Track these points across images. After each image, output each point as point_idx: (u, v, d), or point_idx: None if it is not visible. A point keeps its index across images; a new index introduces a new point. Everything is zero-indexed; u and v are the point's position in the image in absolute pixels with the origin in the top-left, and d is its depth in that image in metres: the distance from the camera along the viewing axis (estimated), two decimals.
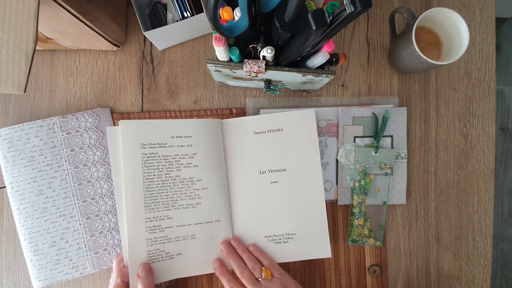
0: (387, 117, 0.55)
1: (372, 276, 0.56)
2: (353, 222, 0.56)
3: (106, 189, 0.56)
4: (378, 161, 0.54)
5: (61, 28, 0.46)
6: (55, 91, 0.58)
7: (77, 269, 0.54)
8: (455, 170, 0.58)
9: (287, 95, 0.58)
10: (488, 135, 0.59)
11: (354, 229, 0.56)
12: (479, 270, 0.58)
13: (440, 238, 0.58)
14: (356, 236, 0.56)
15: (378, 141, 0.55)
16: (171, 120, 0.53)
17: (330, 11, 0.37)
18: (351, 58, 0.59)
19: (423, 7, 0.60)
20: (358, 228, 0.55)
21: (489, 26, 0.60)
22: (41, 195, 0.54)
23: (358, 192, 0.55)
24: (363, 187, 0.55)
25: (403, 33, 0.52)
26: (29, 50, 0.34)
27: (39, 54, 0.58)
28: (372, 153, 0.54)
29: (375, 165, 0.55)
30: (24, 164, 0.53)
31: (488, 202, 0.58)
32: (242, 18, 0.39)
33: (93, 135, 0.56)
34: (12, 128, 0.54)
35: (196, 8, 0.54)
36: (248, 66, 0.44)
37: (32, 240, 0.53)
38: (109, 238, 0.55)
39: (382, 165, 0.55)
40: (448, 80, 0.59)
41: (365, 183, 0.55)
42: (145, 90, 0.58)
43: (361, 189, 0.55)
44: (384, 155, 0.54)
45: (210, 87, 0.59)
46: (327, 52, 0.41)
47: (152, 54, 0.59)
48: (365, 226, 0.55)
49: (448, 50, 0.52)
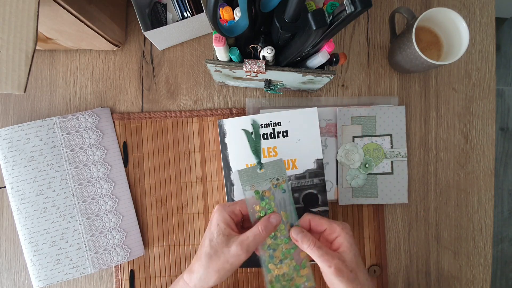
0: (256, 124, 0.48)
1: (372, 276, 0.56)
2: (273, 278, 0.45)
3: (106, 189, 0.56)
4: (267, 178, 0.46)
5: (61, 28, 0.46)
6: (55, 91, 0.58)
7: (77, 269, 0.54)
8: (455, 170, 0.58)
9: (287, 95, 0.58)
10: (488, 135, 0.59)
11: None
12: (479, 270, 0.58)
13: (440, 238, 0.58)
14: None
15: (258, 156, 0.48)
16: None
17: (330, 11, 0.37)
18: (351, 58, 0.59)
19: (423, 7, 0.60)
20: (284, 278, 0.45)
21: (489, 26, 0.60)
22: (41, 195, 0.54)
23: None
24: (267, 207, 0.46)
25: (403, 33, 0.52)
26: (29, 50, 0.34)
27: (39, 54, 0.58)
28: (257, 171, 0.46)
29: (266, 184, 0.46)
30: (24, 164, 0.53)
31: (488, 202, 0.58)
32: (242, 18, 0.39)
33: (93, 135, 0.56)
34: (12, 128, 0.54)
35: (196, 8, 0.54)
36: (248, 66, 0.44)
37: (32, 240, 0.53)
38: (109, 238, 0.55)
39: (274, 181, 0.46)
40: (448, 80, 0.59)
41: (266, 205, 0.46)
42: (145, 90, 0.58)
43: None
44: (271, 169, 0.46)
45: (210, 87, 0.59)
46: (327, 52, 0.41)
47: (152, 54, 0.59)
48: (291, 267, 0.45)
49: (448, 50, 0.52)
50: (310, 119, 0.53)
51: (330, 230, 0.43)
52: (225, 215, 0.43)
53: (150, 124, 0.57)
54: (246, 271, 0.57)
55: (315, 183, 0.53)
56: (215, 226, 0.42)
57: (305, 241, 0.42)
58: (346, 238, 0.42)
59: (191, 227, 0.57)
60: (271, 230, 0.43)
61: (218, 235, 0.42)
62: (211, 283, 0.42)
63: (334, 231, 0.43)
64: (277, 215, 0.44)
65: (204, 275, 0.41)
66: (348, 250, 0.41)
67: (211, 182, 0.58)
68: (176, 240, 0.57)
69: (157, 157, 0.57)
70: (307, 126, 0.53)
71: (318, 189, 0.53)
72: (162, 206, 0.57)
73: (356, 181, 0.56)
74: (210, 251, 0.41)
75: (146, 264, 0.57)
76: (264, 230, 0.42)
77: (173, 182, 0.57)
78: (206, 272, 0.41)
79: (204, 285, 0.42)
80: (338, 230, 0.42)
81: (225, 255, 0.41)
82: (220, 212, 0.43)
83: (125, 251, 0.55)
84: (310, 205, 0.53)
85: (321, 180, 0.53)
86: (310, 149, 0.54)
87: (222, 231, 0.42)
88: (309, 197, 0.53)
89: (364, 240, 0.57)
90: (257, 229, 0.42)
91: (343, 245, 0.42)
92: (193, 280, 0.42)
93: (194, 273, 0.42)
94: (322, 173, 0.53)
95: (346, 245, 0.41)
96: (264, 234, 0.42)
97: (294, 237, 0.43)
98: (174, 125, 0.58)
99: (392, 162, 0.56)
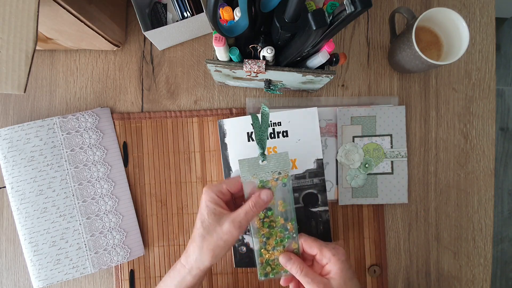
0: (266, 112, 0.46)
1: (372, 276, 0.56)
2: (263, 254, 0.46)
3: (106, 189, 0.56)
4: (269, 170, 0.45)
5: (61, 28, 0.46)
6: (55, 91, 0.58)
7: (77, 269, 0.54)
8: (455, 170, 0.58)
9: (287, 95, 0.58)
10: (488, 135, 0.59)
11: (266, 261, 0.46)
12: (479, 270, 0.58)
13: (440, 238, 0.58)
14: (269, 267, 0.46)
15: (263, 146, 0.45)
16: None
17: (330, 11, 0.37)
18: (351, 58, 0.59)
19: (423, 7, 0.60)
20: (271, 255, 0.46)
21: (489, 26, 0.60)
22: (41, 195, 0.54)
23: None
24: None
25: (403, 33, 0.52)
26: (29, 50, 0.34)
27: (39, 54, 0.58)
28: (259, 162, 0.45)
29: (267, 176, 0.45)
30: (24, 164, 0.53)
31: (488, 202, 0.58)
32: (242, 18, 0.39)
33: (93, 135, 0.56)
34: (12, 128, 0.54)
35: (196, 8, 0.54)
36: (248, 66, 0.44)
37: (32, 240, 0.53)
38: (109, 238, 0.55)
39: (275, 174, 0.45)
40: (448, 80, 0.59)
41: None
42: (145, 90, 0.58)
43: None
44: (274, 162, 0.45)
45: (210, 87, 0.59)
46: (327, 52, 0.41)
47: (152, 54, 0.59)
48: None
49: (448, 50, 0.52)
50: (310, 119, 0.53)
51: (321, 256, 0.43)
52: (212, 195, 0.43)
53: (150, 124, 0.57)
54: (246, 271, 0.57)
55: (315, 183, 0.53)
56: (204, 207, 0.43)
57: (293, 268, 0.43)
58: (336, 264, 0.41)
59: (191, 227, 0.57)
60: (262, 206, 0.43)
61: (209, 216, 0.42)
62: (207, 262, 0.42)
63: (324, 256, 0.42)
64: (268, 192, 0.44)
65: (199, 255, 0.42)
66: (337, 277, 0.41)
67: (211, 182, 0.58)
68: (176, 240, 0.57)
69: (157, 157, 0.57)
70: (307, 126, 0.53)
71: (318, 189, 0.53)
72: (162, 206, 0.57)
73: (356, 181, 0.56)
74: (203, 231, 0.42)
75: (146, 264, 0.57)
76: (255, 206, 0.43)
77: (173, 182, 0.57)
78: (201, 252, 0.42)
79: (200, 265, 0.42)
80: (328, 256, 0.42)
81: (218, 233, 0.41)
82: (208, 193, 0.43)
83: (125, 251, 0.55)
84: (310, 205, 0.53)
85: (321, 180, 0.53)
86: (310, 149, 0.54)
87: (212, 210, 0.42)
88: (309, 197, 0.53)
89: (364, 240, 0.57)
90: (248, 206, 0.42)
91: (332, 271, 0.41)
92: (190, 262, 0.43)
93: (189, 255, 0.43)
94: (322, 173, 0.53)
95: (335, 272, 0.41)
96: (255, 210, 0.42)
97: (283, 264, 0.44)
98: (174, 125, 0.58)
99: (392, 162, 0.56)
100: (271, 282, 0.56)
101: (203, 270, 0.43)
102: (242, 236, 0.54)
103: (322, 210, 0.53)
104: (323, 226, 0.54)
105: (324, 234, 0.54)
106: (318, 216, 0.53)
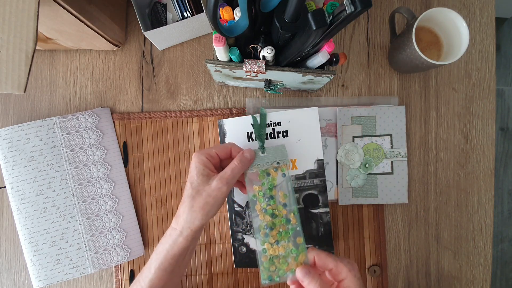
0: (264, 113, 0.51)
1: (372, 276, 0.56)
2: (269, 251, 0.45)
3: (106, 189, 0.56)
4: (269, 161, 0.48)
5: (61, 28, 0.46)
6: (55, 91, 0.58)
7: (77, 269, 0.54)
8: (455, 170, 0.58)
9: (287, 95, 0.58)
10: (488, 135, 0.59)
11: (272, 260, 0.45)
12: (479, 270, 0.58)
13: (440, 238, 0.58)
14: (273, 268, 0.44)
15: (262, 140, 0.49)
16: None
17: (330, 11, 0.37)
18: (351, 58, 0.59)
19: (423, 7, 0.60)
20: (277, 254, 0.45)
21: (489, 26, 0.60)
22: (41, 195, 0.54)
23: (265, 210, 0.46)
24: (268, 196, 0.46)
25: (403, 33, 0.52)
26: (29, 50, 0.34)
27: (39, 54, 0.58)
28: (259, 154, 0.48)
29: (268, 166, 0.47)
30: (24, 164, 0.53)
31: (488, 202, 0.58)
32: (242, 18, 0.39)
33: (93, 135, 0.56)
34: (12, 128, 0.54)
35: (196, 8, 0.54)
36: (248, 66, 0.44)
37: (32, 240, 0.53)
38: (109, 238, 0.55)
39: (275, 164, 0.47)
40: (448, 80, 0.59)
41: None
42: (145, 90, 0.58)
43: (266, 199, 0.46)
44: (273, 153, 0.48)
45: (210, 87, 0.59)
46: (327, 52, 0.41)
47: (152, 54, 0.59)
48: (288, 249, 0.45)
49: (448, 50, 0.52)
50: (310, 119, 0.53)
51: (337, 271, 0.41)
52: (202, 157, 0.44)
53: (150, 124, 0.57)
54: (246, 271, 0.57)
55: (315, 184, 0.53)
56: (193, 169, 0.43)
57: (311, 284, 0.41)
58: (353, 281, 0.40)
59: None
60: (246, 163, 0.45)
61: (198, 176, 0.43)
62: (197, 221, 0.42)
63: (341, 272, 0.41)
64: (251, 150, 0.46)
65: (189, 215, 0.42)
66: None
67: None
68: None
69: (157, 157, 0.57)
70: (307, 126, 0.53)
71: (318, 190, 0.53)
72: (162, 206, 0.57)
73: (356, 181, 0.56)
74: (192, 191, 0.42)
75: None
76: (240, 162, 0.44)
77: (173, 182, 0.57)
78: (191, 212, 0.42)
79: (190, 225, 0.42)
80: (345, 271, 0.41)
81: (206, 191, 0.42)
82: (197, 156, 0.44)
83: (125, 251, 0.55)
84: (310, 206, 0.53)
85: (322, 181, 0.53)
86: (310, 149, 0.53)
87: (201, 172, 0.43)
88: (310, 198, 0.53)
89: (364, 240, 0.57)
90: (233, 163, 0.44)
91: None
92: (180, 223, 0.43)
93: (180, 216, 0.43)
94: (322, 174, 0.53)
95: None
96: (240, 166, 0.44)
97: (301, 278, 0.41)
98: (174, 125, 0.58)
99: (392, 162, 0.56)
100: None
101: (194, 230, 0.42)
102: (242, 236, 0.54)
103: (322, 212, 0.53)
104: (323, 228, 0.53)
105: (325, 236, 0.53)
106: (318, 217, 0.53)
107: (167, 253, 0.43)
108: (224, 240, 0.57)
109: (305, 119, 0.54)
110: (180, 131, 0.58)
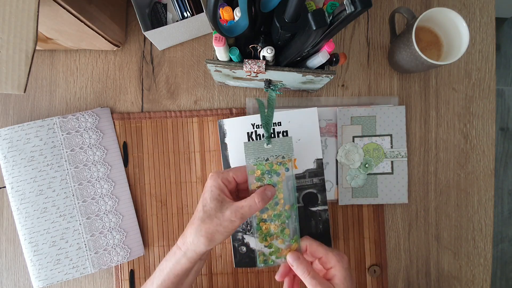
0: (272, 97, 0.47)
1: (372, 276, 0.56)
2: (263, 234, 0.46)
3: (106, 189, 0.56)
4: (273, 154, 0.45)
5: (61, 28, 0.46)
6: (55, 91, 0.58)
7: (77, 269, 0.54)
8: (455, 170, 0.58)
9: (287, 95, 0.58)
10: (488, 135, 0.59)
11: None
12: (479, 270, 0.58)
13: (440, 238, 0.58)
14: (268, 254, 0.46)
15: (268, 129, 0.46)
16: None
17: (330, 11, 0.37)
18: (351, 58, 0.59)
19: (423, 7, 0.60)
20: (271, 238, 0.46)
21: (489, 26, 0.60)
22: (41, 195, 0.54)
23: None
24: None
25: (403, 33, 0.52)
26: (29, 50, 0.34)
27: (39, 54, 0.58)
28: (264, 145, 0.45)
29: (272, 159, 0.45)
30: (24, 164, 0.53)
31: (488, 202, 0.58)
32: (242, 18, 0.39)
33: (93, 135, 0.56)
34: (12, 128, 0.54)
35: (196, 8, 0.54)
36: (248, 66, 0.44)
37: (32, 240, 0.53)
38: (109, 238, 0.55)
39: (279, 158, 0.45)
40: (448, 80, 0.59)
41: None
42: (145, 90, 0.58)
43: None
44: (279, 145, 0.45)
45: (210, 87, 0.59)
46: (327, 52, 0.41)
47: (152, 54, 0.59)
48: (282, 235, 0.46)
49: (448, 50, 0.52)
50: (310, 119, 0.53)
51: (326, 260, 0.43)
52: (218, 181, 0.43)
53: (150, 124, 0.57)
54: (246, 271, 0.57)
55: (314, 183, 0.53)
56: (208, 192, 0.42)
57: (299, 269, 0.43)
58: (340, 271, 0.42)
59: None
60: (266, 201, 0.44)
61: (211, 200, 0.42)
62: (203, 246, 0.41)
63: (330, 261, 0.43)
64: (271, 188, 0.44)
65: (196, 238, 0.41)
66: (340, 283, 0.41)
67: None
68: (176, 240, 0.57)
69: (157, 157, 0.57)
70: (307, 126, 0.54)
71: (317, 189, 0.53)
72: (162, 206, 0.57)
73: (356, 181, 0.56)
74: (203, 215, 0.41)
75: (146, 264, 0.57)
76: (260, 201, 0.42)
77: (173, 182, 0.57)
78: (198, 236, 0.41)
79: (196, 249, 0.41)
80: (333, 261, 0.42)
81: (218, 219, 0.41)
82: (214, 179, 0.43)
83: (125, 251, 0.55)
84: (309, 204, 0.53)
85: (321, 179, 0.53)
86: (310, 149, 0.54)
87: (216, 196, 0.42)
88: (309, 196, 0.53)
89: (364, 240, 0.57)
90: (253, 201, 0.42)
91: (336, 277, 0.42)
92: (186, 244, 0.42)
93: (186, 237, 0.42)
94: (321, 173, 0.53)
95: (339, 278, 0.42)
96: (260, 205, 0.43)
97: (290, 262, 0.43)
98: (174, 125, 0.58)
99: (392, 162, 0.56)
100: (271, 282, 0.56)
101: (198, 253, 0.42)
102: (242, 236, 0.54)
103: (321, 210, 0.53)
104: (322, 226, 0.54)
105: (324, 233, 0.54)
106: (317, 215, 0.53)
107: (169, 271, 0.43)
108: (224, 240, 0.57)
109: (305, 119, 0.54)
110: (180, 131, 0.58)
